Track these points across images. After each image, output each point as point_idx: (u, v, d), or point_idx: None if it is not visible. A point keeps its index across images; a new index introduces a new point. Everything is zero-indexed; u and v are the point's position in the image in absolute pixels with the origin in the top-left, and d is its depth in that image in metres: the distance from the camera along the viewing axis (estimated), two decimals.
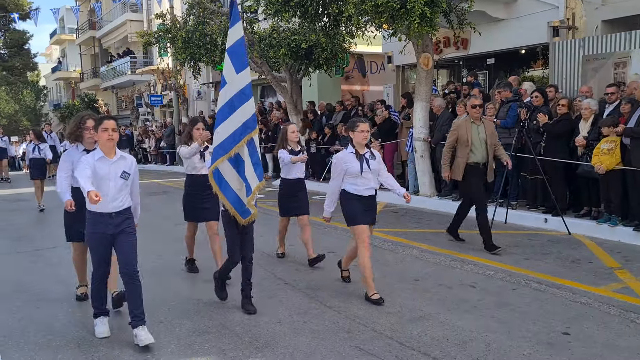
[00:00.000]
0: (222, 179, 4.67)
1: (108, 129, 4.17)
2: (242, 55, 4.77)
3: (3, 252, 7.60)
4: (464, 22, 10.17)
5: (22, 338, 4.45)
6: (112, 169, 4.22)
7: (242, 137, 4.63)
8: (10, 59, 31.46)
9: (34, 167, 11.72)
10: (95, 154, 4.24)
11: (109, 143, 4.21)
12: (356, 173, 5.06)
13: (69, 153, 4.93)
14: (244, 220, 4.70)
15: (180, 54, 14.16)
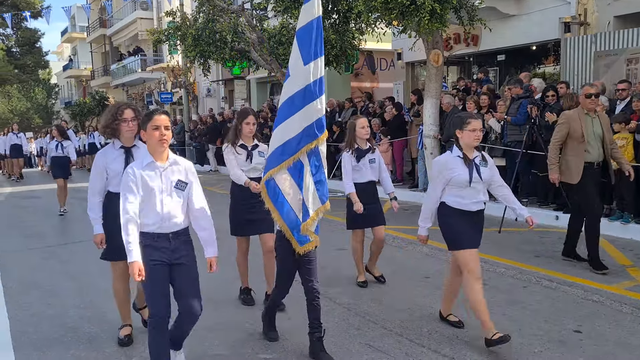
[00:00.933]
0: (278, 193, 3.78)
1: (160, 127, 3.31)
2: (314, 41, 3.75)
3: (15, 249, 7.67)
4: (474, 18, 10.11)
5: (34, 333, 4.49)
6: (165, 178, 3.37)
7: (300, 147, 3.73)
8: (22, 57, 31.71)
9: (56, 166, 10.87)
10: (142, 158, 3.40)
11: (160, 145, 3.33)
12: (464, 183, 4.01)
13: (104, 153, 4.08)
14: (300, 248, 3.82)
15: (190, 51, 14.21)
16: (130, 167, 3.35)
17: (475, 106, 9.49)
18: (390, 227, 8.16)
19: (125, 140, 4.06)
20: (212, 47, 13.73)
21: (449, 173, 4.05)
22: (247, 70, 20.20)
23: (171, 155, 3.42)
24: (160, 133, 3.30)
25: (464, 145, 4.09)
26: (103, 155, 4.06)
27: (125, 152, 4.04)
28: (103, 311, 4.95)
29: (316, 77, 3.74)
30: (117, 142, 4.07)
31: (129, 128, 3.98)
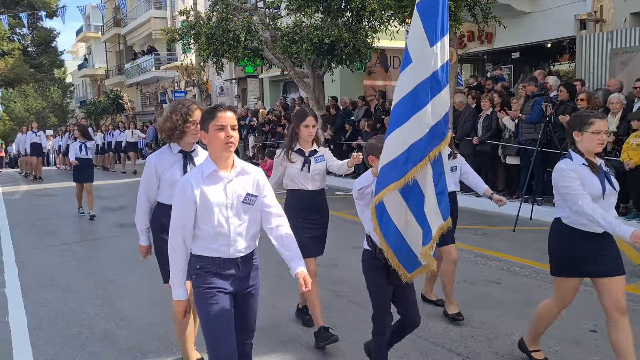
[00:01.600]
0: (383, 212, 3.08)
1: (225, 127, 2.63)
2: (442, 13, 3.03)
3: (32, 247, 7.76)
4: (488, 16, 10.05)
5: (51, 329, 4.55)
6: (230, 192, 2.69)
7: (428, 152, 3.00)
8: (38, 57, 32.05)
9: (80, 169, 9.90)
10: (202, 167, 2.70)
11: (226, 150, 2.64)
12: (596, 195, 3.23)
13: (159, 157, 3.48)
14: (409, 275, 3.18)
15: (203, 50, 14.27)
16: (187, 178, 2.70)
17: (490, 104, 9.44)
18: None
19: (187, 144, 3.48)
20: (226, 45, 13.78)
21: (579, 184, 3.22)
22: (260, 69, 20.24)
23: (237, 161, 2.73)
24: (226, 134, 2.61)
25: (585, 151, 3.29)
26: (158, 159, 3.48)
27: (184, 158, 3.47)
28: (119, 308, 5.00)
29: (443, 60, 3.04)
30: (174, 145, 3.48)
31: (196, 132, 3.30)
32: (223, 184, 2.67)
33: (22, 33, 31.66)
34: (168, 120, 3.42)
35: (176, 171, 3.42)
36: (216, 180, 2.67)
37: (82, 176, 10.01)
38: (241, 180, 2.72)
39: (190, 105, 3.43)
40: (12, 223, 9.64)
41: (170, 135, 3.43)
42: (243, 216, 2.72)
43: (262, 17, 14.13)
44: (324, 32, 12.43)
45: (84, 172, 9.98)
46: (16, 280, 6.00)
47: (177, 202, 2.68)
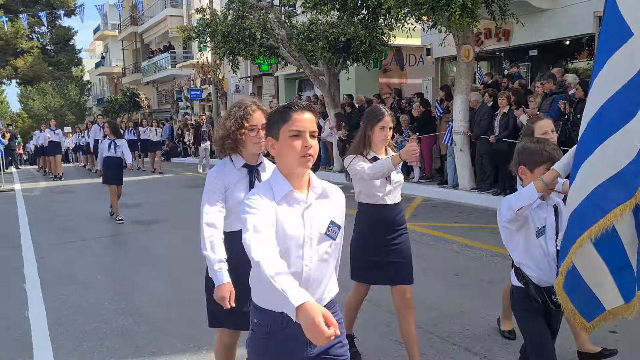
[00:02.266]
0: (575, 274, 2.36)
1: (303, 133, 1.96)
2: None
3: (51, 243, 7.86)
4: (506, 13, 9.96)
5: (70, 325, 4.61)
6: (309, 219, 2.03)
7: None
8: (56, 55, 32.39)
9: (109, 169, 9.12)
10: (270, 185, 2.03)
11: (303, 164, 1.99)
12: None
13: (221, 172, 2.78)
14: (588, 324, 2.48)
15: (219, 48, 14.33)
16: (257, 195, 1.96)
17: (507, 102, 9.37)
18: (417, 223, 8.14)
19: (250, 155, 2.80)
20: (242, 43, 13.82)
21: None
22: (276, 67, 20.27)
23: (315, 179, 2.07)
24: (304, 143, 1.93)
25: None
26: (221, 175, 2.76)
27: (250, 174, 2.79)
28: (136, 304, 5.05)
29: None
30: (237, 157, 2.80)
31: (259, 139, 2.71)
32: (300, 210, 2.00)
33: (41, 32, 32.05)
34: (221, 127, 2.80)
35: (242, 189, 2.73)
36: (292, 205, 1.99)
37: (111, 178, 9.20)
38: (322, 205, 2.06)
39: (248, 107, 2.76)
40: (31, 219, 9.78)
41: (223, 144, 2.76)
42: (324, 252, 2.05)
43: (278, 15, 14.15)
44: (340, 29, 12.40)
45: (113, 173, 9.17)
46: (36, 276, 6.08)
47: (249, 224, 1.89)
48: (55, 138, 17.48)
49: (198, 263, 6.38)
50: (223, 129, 2.78)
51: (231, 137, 2.74)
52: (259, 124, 2.72)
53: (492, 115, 9.69)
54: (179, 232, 8.24)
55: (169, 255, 6.85)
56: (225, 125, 2.77)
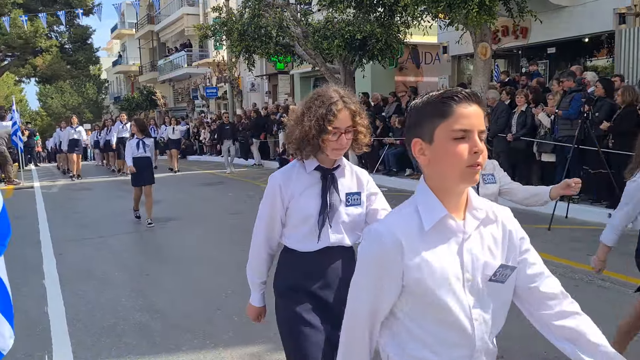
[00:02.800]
0: None
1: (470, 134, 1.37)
2: None
3: (70, 239, 7.95)
4: (524, 10, 9.87)
5: (88, 320, 4.65)
6: (469, 258, 1.42)
7: None
8: (74, 54, 32.68)
9: (138, 170, 8.58)
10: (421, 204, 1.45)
11: (470, 176, 1.38)
12: None
13: (286, 177, 2.27)
14: None
15: (235, 46, 14.39)
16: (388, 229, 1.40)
17: (525, 100, 9.28)
18: None
19: (326, 159, 2.23)
20: (257, 42, 13.86)
21: None
22: (291, 65, 20.30)
23: (474, 197, 1.49)
24: (473, 148, 1.37)
25: None
26: (285, 180, 2.24)
27: (324, 179, 2.23)
28: (153, 301, 5.09)
29: None
30: (310, 160, 2.23)
31: (340, 145, 2.15)
32: (457, 244, 1.42)
33: (59, 31, 32.34)
34: (298, 125, 2.18)
35: (311, 199, 2.20)
36: (445, 237, 1.41)
37: (141, 178, 8.63)
38: (485, 236, 1.45)
39: (333, 104, 2.12)
40: (50, 216, 9.90)
41: (299, 149, 2.20)
42: (489, 302, 1.46)
43: (294, 13, 14.16)
44: (356, 27, 12.38)
45: (143, 173, 8.63)
46: (54, 272, 6.16)
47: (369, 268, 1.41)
48: (77, 136, 16.90)
49: (214, 261, 6.44)
50: (299, 127, 2.17)
51: (311, 142, 2.14)
52: (342, 127, 2.14)
53: (510, 114, 9.61)
54: (196, 229, 8.29)
55: (186, 253, 6.90)
56: (302, 123, 2.15)
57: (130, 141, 8.88)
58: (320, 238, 2.22)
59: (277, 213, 2.26)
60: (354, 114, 2.18)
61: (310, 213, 2.20)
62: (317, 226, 2.21)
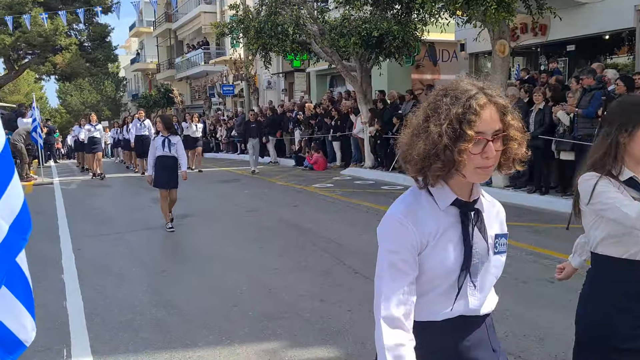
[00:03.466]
0: None
1: None
2: None
3: (88, 235, 8.04)
4: (543, 7, 9.75)
5: (106, 315, 4.70)
6: None
7: None
8: (93, 51, 33.00)
9: (162, 170, 7.85)
10: None
11: None
12: None
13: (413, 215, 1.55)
14: None
15: (252, 44, 14.42)
16: None
17: (543, 98, 9.17)
18: None
19: (464, 185, 1.58)
20: (274, 39, 13.87)
21: None
22: (307, 63, 20.29)
23: None
24: None
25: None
26: (414, 223, 1.54)
27: (464, 216, 1.59)
28: (169, 297, 5.12)
29: None
30: (441, 189, 1.57)
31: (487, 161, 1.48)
32: None
33: (78, 29, 32.65)
34: (420, 134, 1.50)
35: (449, 245, 1.54)
36: None
37: (164, 180, 7.93)
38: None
39: (472, 97, 1.46)
40: (69, 212, 10.01)
41: (422, 169, 1.51)
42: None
43: (311, 11, 14.15)
44: (373, 25, 12.33)
45: (167, 174, 7.91)
46: (73, 267, 6.23)
47: None
48: (96, 134, 16.39)
49: (230, 257, 6.46)
50: (423, 138, 1.47)
51: (441, 158, 1.45)
52: (489, 132, 1.45)
53: (528, 112, 9.50)
54: (212, 226, 8.34)
55: (202, 250, 6.94)
56: (427, 130, 1.46)
57: (155, 139, 8.16)
58: (456, 302, 1.57)
59: (412, 269, 1.54)
60: (504, 112, 1.49)
61: (450, 268, 1.53)
62: (456, 286, 1.55)
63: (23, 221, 2.47)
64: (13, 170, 2.49)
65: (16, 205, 2.48)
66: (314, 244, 6.92)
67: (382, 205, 9.50)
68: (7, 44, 28.01)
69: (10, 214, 2.45)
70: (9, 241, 2.41)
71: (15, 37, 27.97)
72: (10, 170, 2.47)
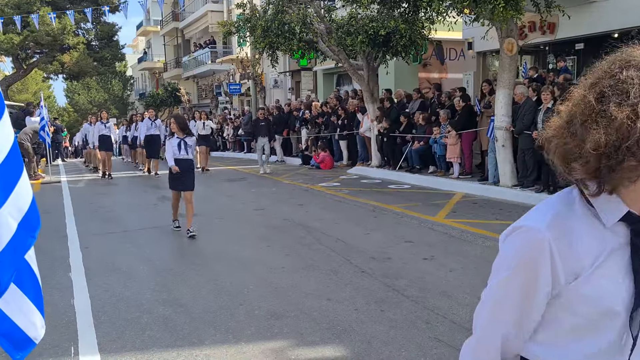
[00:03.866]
0: None
1: None
2: None
3: (95, 233, 8.07)
4: (552, 5, 9.68)
5: (113, 313, 4.72)
6: None
7: None
8: (100, 50, 33.17)
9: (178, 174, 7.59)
10: None
11: None
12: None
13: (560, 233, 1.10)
14: None
15: (259, 43, 14.41)
16: None
17: (551, 96, 9.12)
18: (458, 220, 8.02)
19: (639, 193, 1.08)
20: (281, 38, 13.86)
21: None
22: (314, 62, 20.29)
23: None
24: None
25: None
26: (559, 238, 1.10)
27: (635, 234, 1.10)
28: (176, 295, 5.13)
29: None
30: (609, 200, 1.09)
31: None
32: None
33: (86, 28, 32.84)
34: (597, 119, 1.06)
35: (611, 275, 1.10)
36: None
37: (180, 182, 7.65)
38: None
39: None
40: (76, 210, 10.06)
41: (601, 169, 1.06)
42: None
43: (318, 9, 14.14)
44: (380, 23, 12.30)
45: (183, 177, 7.61)
46: (80, 265, 6.26)
47: None
48: (106, 132, 15.71)
49: (237, 256, 6.47)
50: (603, 124, 1.05)
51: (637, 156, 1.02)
52: None
53: (536, 110, 9.46)
54: (218, 225, 8.35)
55: (209, 248, 6.95)
56: (609, 115, 1.05)
57: (170, 140, 7.78)
58: None
59: (536, 301, 1.15)
60: None
61: (614, 306, 1.10)
62: (628, 333, 1.11)
63: (32, 219, 2.49)
64: (22, 169, 2.50)
65: (25, 204, 2.49)
66: (321, 242, 6.91)
67: (389, 204, 9.48)
68: (15, 43, 28.19)
69: (19, 211, 2.46)
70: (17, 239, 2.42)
71: (23, 36, 28.14)
72: (19, 169, 2.48)
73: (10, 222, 2.41)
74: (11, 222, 2.41)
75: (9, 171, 2.44)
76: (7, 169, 2.42)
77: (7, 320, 2.41)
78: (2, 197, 2.40)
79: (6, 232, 2.39)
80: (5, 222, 2.39)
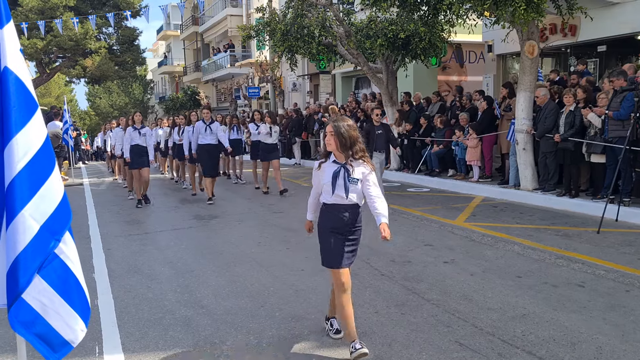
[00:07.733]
0: None
1: None
2: None
3: (117, 235, 8.18)
4: (573, 7, 9.58)
5: (136, 314, 4.78)
6: None
7: None
8: (121, 55, 33.58)
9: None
10: None
11: None
12: None
13: None
14: None
15: (278, 46, 14.47)
16: None
17: (574, 99, 9.02)
18: (478, 223, 7.97)
19: None
20: (300, 41, 13.90)
21: None
22: (333, 65, 20.30)
23: None
24: None
25: None
26: None
27: None
28: (198, 296, 5.18)
29: None
30: None
31: None
32: None
33: (108, 32, 33.27)
34: None
35: None
36: None
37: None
38: None
39: None
40: (99, 212, 10.20)
41: None
42: None
43: (337, 13, 14.15)
44: (399, 26, 12.28)
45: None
46: (103, 266, 6.35)
47: None
48: (140, 141, 10.81)
49: (257, 258, 6.50)
50: None
51: None
52: None
53: (558, 113, 9.36)
54: (238, 227, 8.40)
55: (229, 250, 6.99)
56: None
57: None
58: None
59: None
60: None
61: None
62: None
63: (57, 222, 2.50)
64: (52, 169, 2.52)
65: (50, 206, 2.51)
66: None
67: (408, 207, 9.45)
68: (39, 47, 28.67)
69: (43, 214, 2.48)
70: (39, 241, 2.44)
71: (46, 41, 28.61)
72: (49, 168, 2.51)
73: (32, 224, 2.44)
74: (32, 224, 2.44)
75: (37, 170, 2.46)
76: (35, 167, 2.45)
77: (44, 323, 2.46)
78: (27, 198, 2.43)
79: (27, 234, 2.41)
80: (26, 224, 2.42)
